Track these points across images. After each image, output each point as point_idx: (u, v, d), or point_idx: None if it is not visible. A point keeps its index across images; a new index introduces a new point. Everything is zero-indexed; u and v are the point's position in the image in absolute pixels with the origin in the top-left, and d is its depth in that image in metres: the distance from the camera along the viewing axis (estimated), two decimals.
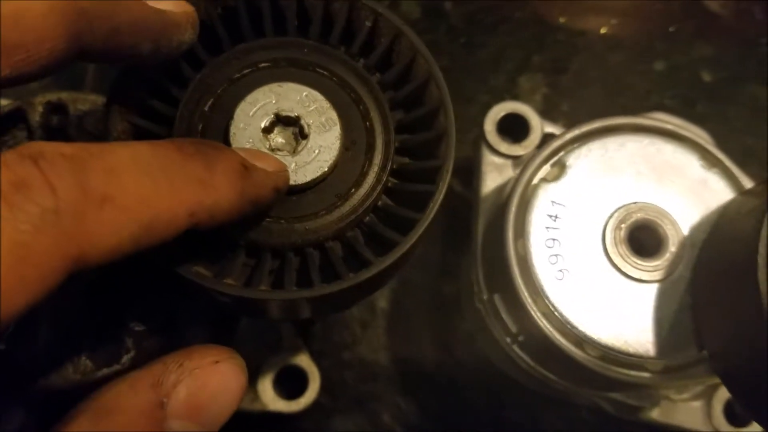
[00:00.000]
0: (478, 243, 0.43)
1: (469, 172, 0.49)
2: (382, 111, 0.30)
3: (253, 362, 0.42)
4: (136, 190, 0.19)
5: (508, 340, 0.40)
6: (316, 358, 0.45)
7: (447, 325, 0.57)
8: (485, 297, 0.41)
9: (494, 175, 0.45)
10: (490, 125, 0.47)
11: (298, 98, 0.29)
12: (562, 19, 0.67)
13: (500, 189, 0.44)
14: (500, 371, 0.46)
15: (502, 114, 0.47)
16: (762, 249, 0.29)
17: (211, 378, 0.22)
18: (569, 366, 0.36)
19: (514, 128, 0.47)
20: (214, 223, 0.21)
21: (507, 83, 0.65)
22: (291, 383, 0.44)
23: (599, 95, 0.64)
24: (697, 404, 0.48)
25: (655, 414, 0.47)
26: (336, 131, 0.29)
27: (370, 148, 0.30)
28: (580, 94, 0.64)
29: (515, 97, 0.63)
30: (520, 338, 0.39)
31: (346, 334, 0.54)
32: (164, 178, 0.20)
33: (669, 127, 0.39)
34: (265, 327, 0.44)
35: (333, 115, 0.29)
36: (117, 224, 0.18)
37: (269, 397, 0.41)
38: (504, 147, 0.45)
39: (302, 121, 0.29)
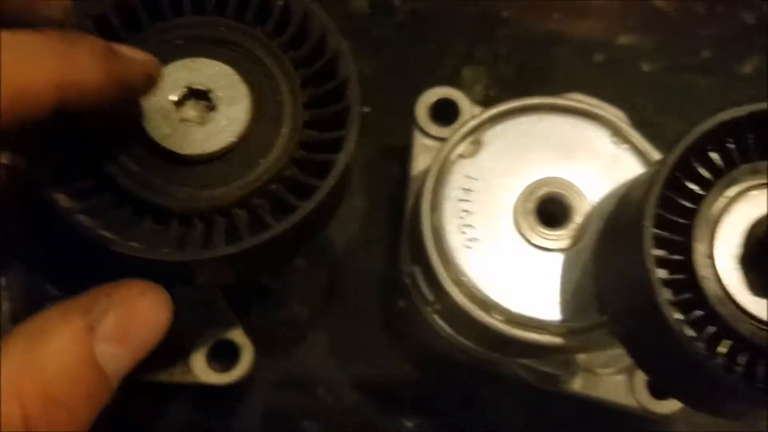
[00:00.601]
0: (406, 220, 0.45)
1: None
2: (292, 86, 0.32)
3: (186, 338, 0.43)
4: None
5: (429, 309, 0.41)
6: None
7: (389, 306, 0.58)
8: (409, 271, 0.43)
9: (425, 156, 0.48)
10: (421, 109, 0.49)
11: (210, 73, 0.31)
12: (506, 14, 0.69)
13: None
14: (427, 344, 0.48)
15: (434, 99, 0.49)
16: (648, 213, 0.31)
17: (138, 307, 0.24)
18: (479, 330, 0.38)
19: (447, 113, 0.49)
20: (84, 103, 0.23)
21: (452, 75, 0.67)
22: (226, 357, 0.46)
23: (539, 86, 0.66)
24: (621, 378, 0.49)
25: (578, 386, 0.49)
26: (245, 104, 0.30)
27: (279, 122, 0.32)
28: (521, 86, 0.66)
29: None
30: (437, 306, 0.40)
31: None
32: (27, 52, 0.22)
33: (583, 106, 0.41)
34: (199, 302, 0.45)
35: (243, 89, 0.31)
36: None
37: (201, 370, 0.43)
38: (434, 130, 0.48)
39: (211, 94, 0.30)
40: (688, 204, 0.32)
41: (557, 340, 0.37)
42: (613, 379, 0.49)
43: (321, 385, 0.55)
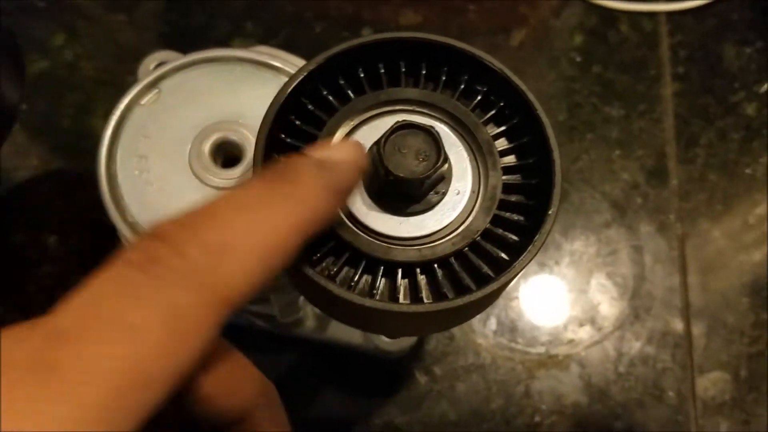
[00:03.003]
0: None
1: None
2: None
3: None
4: (242, 226, 0.20)
5: None
6: None
7: None
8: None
9: None
10: (142, 72, 0.49)
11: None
12: None
13: None
14: None
15: (155, 62, 0.50)
16: (258, 155, 0.32)
17: None
18: None
19: None
20: (322, 226, 0.24)
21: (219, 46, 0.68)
22: None
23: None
24: None
25: (313, 330, 0.51)
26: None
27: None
28: None
29: None
30: None
31: None
32: (259, 206, 0.22)
33: (261, 57, 0.43)
34: None
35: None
36: (243, 262, 0.20)
37: None
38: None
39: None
40: (312, 130, 0.34)
41: None
42: None
43: None
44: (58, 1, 0.70)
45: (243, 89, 0.42)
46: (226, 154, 0.41)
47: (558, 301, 0.62)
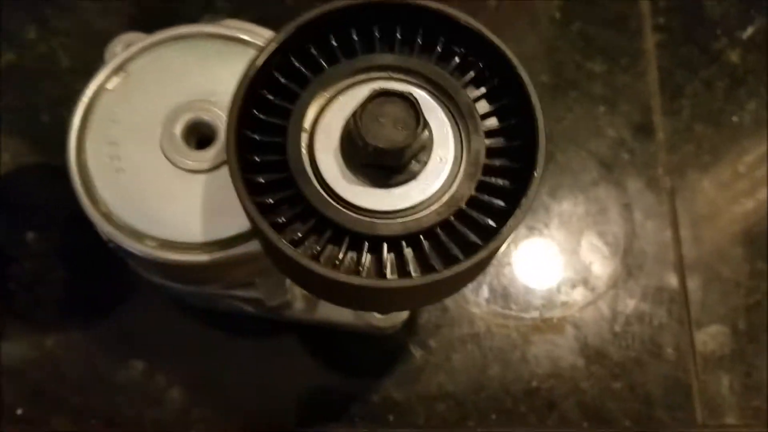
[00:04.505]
0: None
1: None
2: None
3: None
4: None
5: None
6: None
7: None
8: None
9: None
10: (108, 54, 0.47)
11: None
12: None
13: None
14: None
15: (121, 45, 0.48)
16: (231, 124, 0.31)
17: None
18: (145, 263, 0.38)
19: None
20: None
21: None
22: None
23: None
24: None
25: (300, 311, 0.50)
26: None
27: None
28: None
29: None
30: (110, 245, 0.40)
31: None
32: None
33: (230, 32, 0.41)
34: None
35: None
36: None
37: None
38: None
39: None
40: (285, 104, 0.33)
41: (210, 258, 0.37)
42: None
43: None
44: None
45: (213, 66, 0.40)
46: (200, 135, 0.40)
47: (549, 264, 0.61)
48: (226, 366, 0.56)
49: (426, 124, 0.31)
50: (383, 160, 0.31)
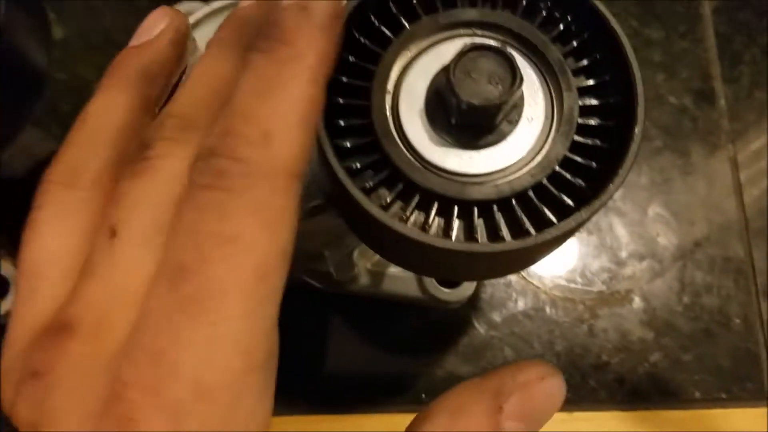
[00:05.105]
0: None
1: None
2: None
3: None
4: (271, 111, 0.22)
5: None
6: None
7: None
8: None
9: None
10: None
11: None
12: None
13: None
14: None
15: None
16: None
17: (538, 391, 0.26)
18: None
19: None
20: (333, 60, 0.25)
21: None
22: None
23: None
24: (407, 275, 0.50)
25: (365, 286, 0.49)
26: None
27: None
28: None
29: None
30: None
31: None
32: (272, 84, 0.23)
33: None
34: None
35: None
36: (287, 138, 0.22)
37: None
38: None
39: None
40: (367, 65, 0.31)
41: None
42: (400, 276, 0.50)
43: None
44: None
45: None
46: None
47: (615, 236, 0.59)
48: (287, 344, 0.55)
49: (522, 80, 0.29)
50: (477, 119, 0.29)
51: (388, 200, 0.30)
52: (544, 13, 0.33)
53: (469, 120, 0.29)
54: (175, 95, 0.27)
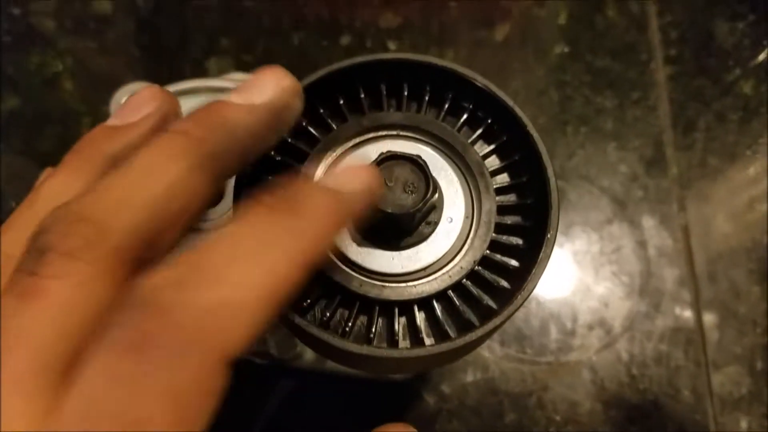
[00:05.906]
0: None
1: None
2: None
3: None
4: (239, 279, 0.19)
5: None
6: None
7: None
8: None
9: None
10: (114, 106, 0.47)
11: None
12: (248, 3, 0.69)
13: None
14: None
15: (126, 95, 0.47)
16: None
17: None
18: None
19: None
20: (324, 255, 0.23)
21: (195, 67, 0.66)
22: None
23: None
24: None
25: (310, 362, 0.49)
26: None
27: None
28: None
29: None
30: None
31: None
32: (257, 250, 0.20)
33: (234, 86, 0.41)
34: None
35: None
36: (243, 317, 0.19)
37: None
38: None
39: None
40: (294, 163, 0.32)
41: None
42: None
43: None
44: (26, 35, 0.67)
45: None
46: None
47: (564, 305, 0.60)
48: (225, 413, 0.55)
49: (436, 187, 0.30)
50: (393, 224, 0.30)
51: (309, 300, 0.31)
52: (466, 114, 0.34)
53: (386, 224, 0.30)
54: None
